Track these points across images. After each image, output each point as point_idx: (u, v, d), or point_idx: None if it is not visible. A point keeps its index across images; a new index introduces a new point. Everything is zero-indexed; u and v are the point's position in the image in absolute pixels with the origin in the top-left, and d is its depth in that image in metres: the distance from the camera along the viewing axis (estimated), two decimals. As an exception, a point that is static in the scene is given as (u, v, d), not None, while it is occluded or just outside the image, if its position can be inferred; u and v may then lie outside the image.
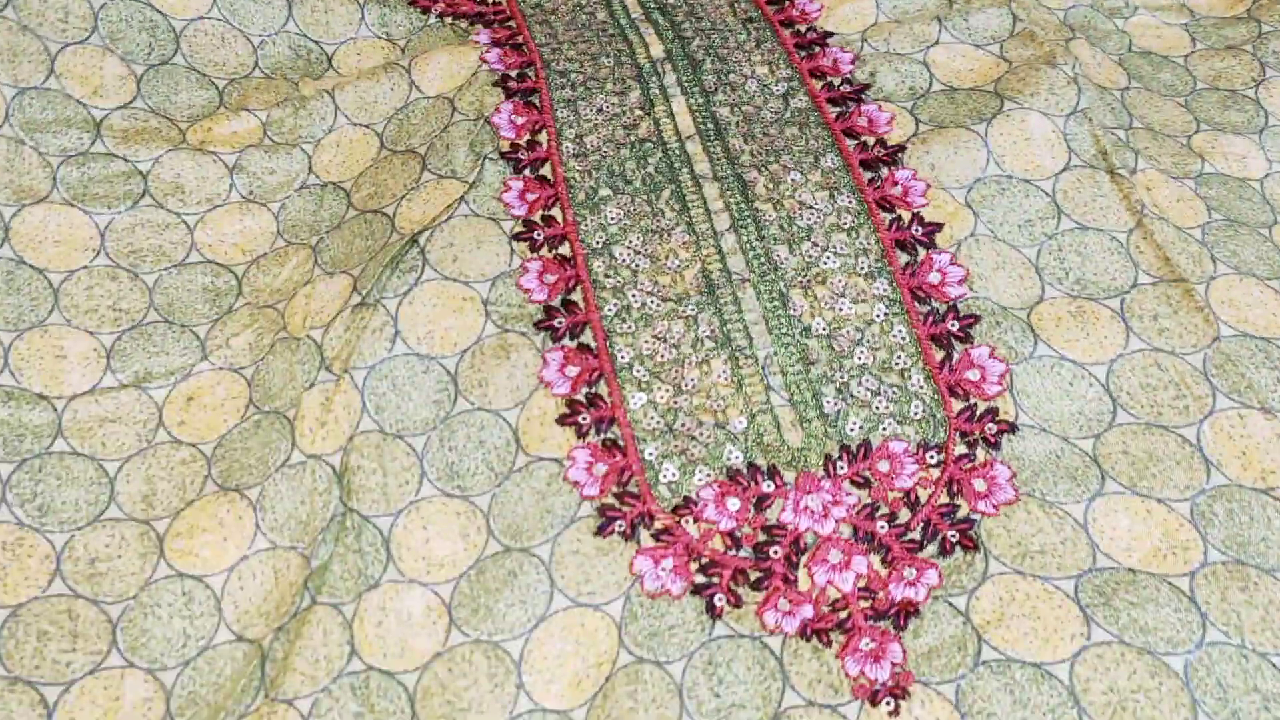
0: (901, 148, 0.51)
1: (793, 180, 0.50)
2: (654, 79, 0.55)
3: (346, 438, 0.44)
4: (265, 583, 0.42)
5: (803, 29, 0.58)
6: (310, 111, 0.55)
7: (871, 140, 0.51)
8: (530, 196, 0.50)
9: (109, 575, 0.42)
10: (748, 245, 0.48)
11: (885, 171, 0.50)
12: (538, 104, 0.54)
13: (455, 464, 0.44)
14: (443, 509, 0.43)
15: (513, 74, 0.55)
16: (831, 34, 0.57)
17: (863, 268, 0.47)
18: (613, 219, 0.49)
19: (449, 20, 0.61)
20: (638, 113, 0.53)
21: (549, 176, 0.51)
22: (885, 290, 0.47)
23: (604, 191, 0.50)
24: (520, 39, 0.58)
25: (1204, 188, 0.51)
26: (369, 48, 0.59)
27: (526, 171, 0.51)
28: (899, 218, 0.49)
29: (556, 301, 0.47)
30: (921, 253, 0.48)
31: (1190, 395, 0.44)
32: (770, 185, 0.50)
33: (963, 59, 0.55)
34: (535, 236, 0.49)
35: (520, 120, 0.53)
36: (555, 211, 0.50)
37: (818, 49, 0.56)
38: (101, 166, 0.51)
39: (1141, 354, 0.45)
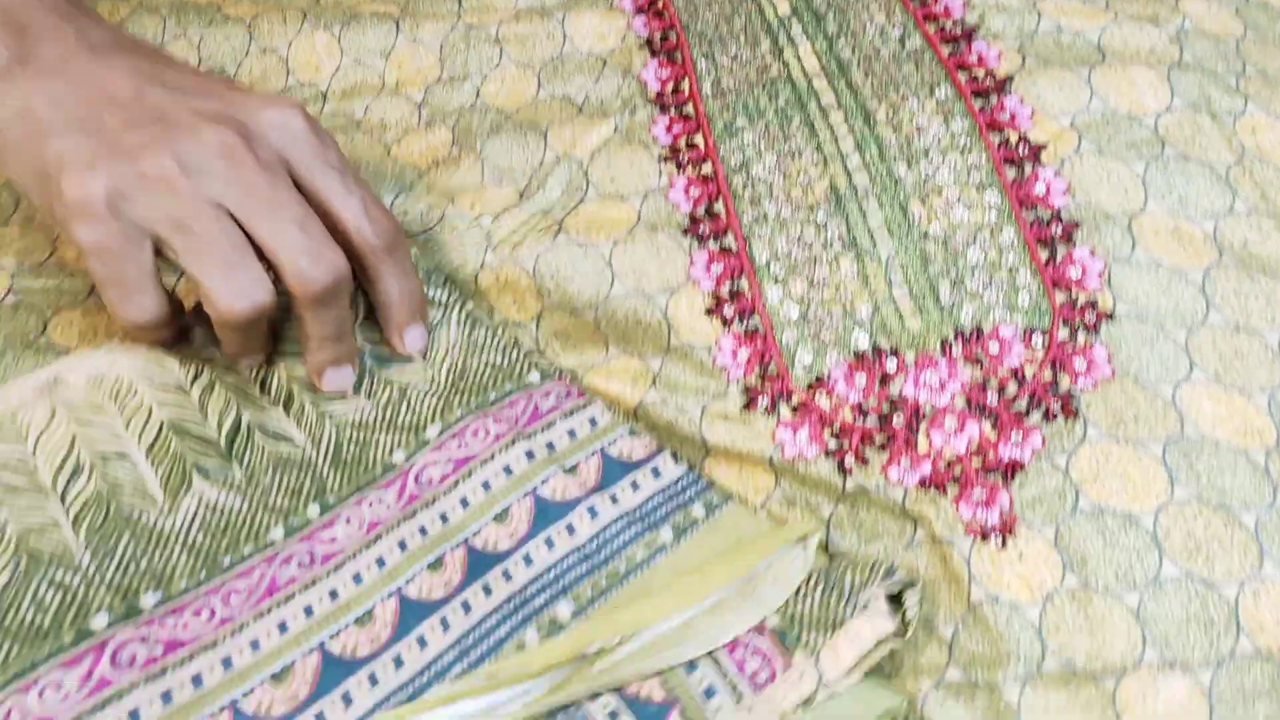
0: (1010, 78, 0.57)
1: (910, 108, 0.56)
2: (782, 30, 0.62)
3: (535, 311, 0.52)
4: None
5: (917, -20, 0.64)
6: (478, 52, 0.62)
7: (981, 73, 0.57)
8: (675, 129, 0.57)
9: None
10: (870, 164, 0.54)
11: (995, 99, 0.56)
12: (679, 59, 0.61)
13: (626, 333, 0.51)
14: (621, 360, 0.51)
15: (656, 36, 0.63)
16: (943, -18, 0.63)
17: (975, 180, 0.53)
18: (749, 143, 0.56)
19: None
20: (768, 58, 0.60)
21: (691, 113, 0.58)
22: (995, 200, 0.52)
23: (740, 122, 0.57)
24: (660, 4, 0.64)
25: None
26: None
27: (671, 111, 0.58)
28: (1007, 139, 0.54)
29: (701, 211, 0.54)
30: (1029, 168, 0.53)
31: (1276, 302, 0.49)
32: (890, 113, 0.56)
33: (1070, 2, 0.60)
34: (680, 159, 0.56)
35: (664, 74, 0.60)
36: (698, 139, 0.57)
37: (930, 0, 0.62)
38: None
39: (1234, 269, 0.50)
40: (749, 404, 0.49)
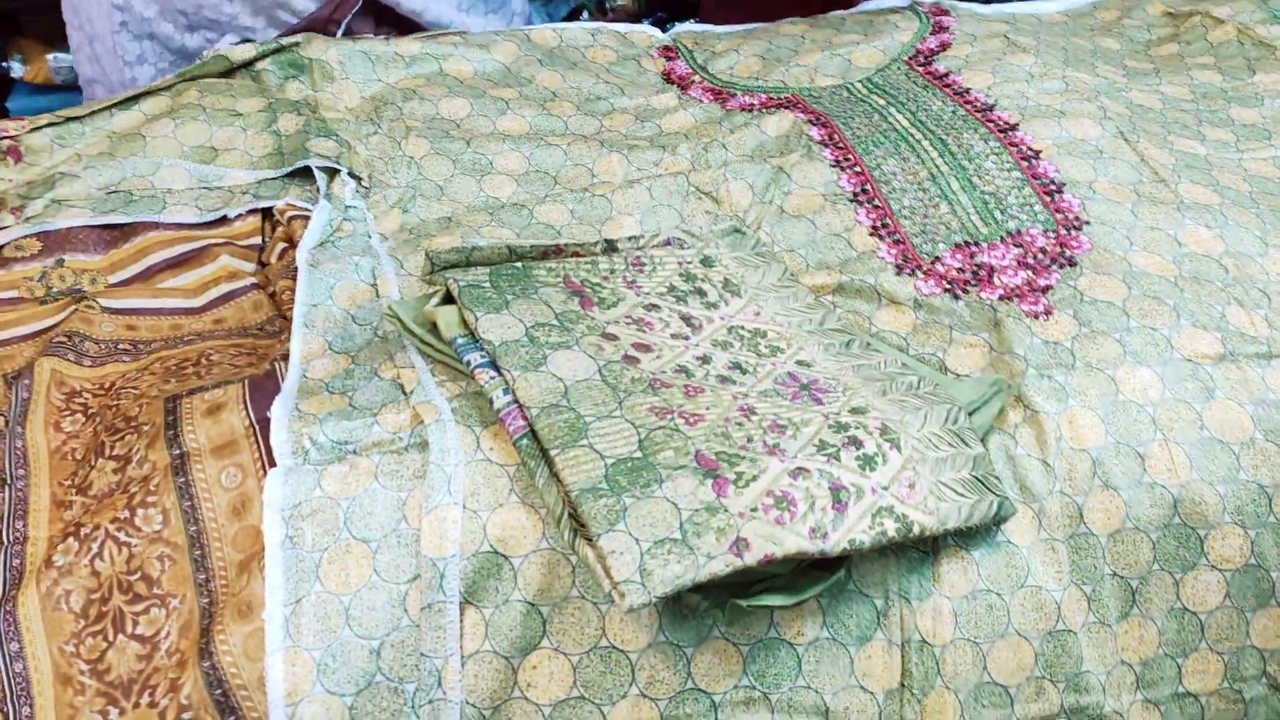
0: (1016, 124, 1.03)
1: (965, 138, 1.02)
2: (883, 110, 1.08)
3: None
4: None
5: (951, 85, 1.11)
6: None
7: (1000, 123, 1.04)
8: (835, 154, 1.03)
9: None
10: (949, 162, 0.99)
11: (1010, 133, 1.02)
12: (828, 124, 1.07)
13: (822, 255, 0.93)
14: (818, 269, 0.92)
15: (814, 118, 1.09)
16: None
17: (1006, 166, 0.98)
18: (879, 156, 1.01)
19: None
20: (879, 121, 1.06)
21: (842, 145, 1.03)
22: (1018, 175, 0.97)
23: (871, 148, 1.02)
24: (812, 108, 1.11)
25: None
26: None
27: (831, 146, 1.04)
28: (1020, 149, 1.00)
29: (858, 189, 0.98)
30: (1035, 161, 0.99)
31: (1161, 216, 0.94)
32: (955, 140, 1.02)
33: (1045, 84, 1.08)
34: (842, 165, 1.01)
35: (823, 132, 1.06)
36: (850, 156, 1.02)
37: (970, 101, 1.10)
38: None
39: (1147, 203, 0.95)
40: (898, 271, 0.91)
